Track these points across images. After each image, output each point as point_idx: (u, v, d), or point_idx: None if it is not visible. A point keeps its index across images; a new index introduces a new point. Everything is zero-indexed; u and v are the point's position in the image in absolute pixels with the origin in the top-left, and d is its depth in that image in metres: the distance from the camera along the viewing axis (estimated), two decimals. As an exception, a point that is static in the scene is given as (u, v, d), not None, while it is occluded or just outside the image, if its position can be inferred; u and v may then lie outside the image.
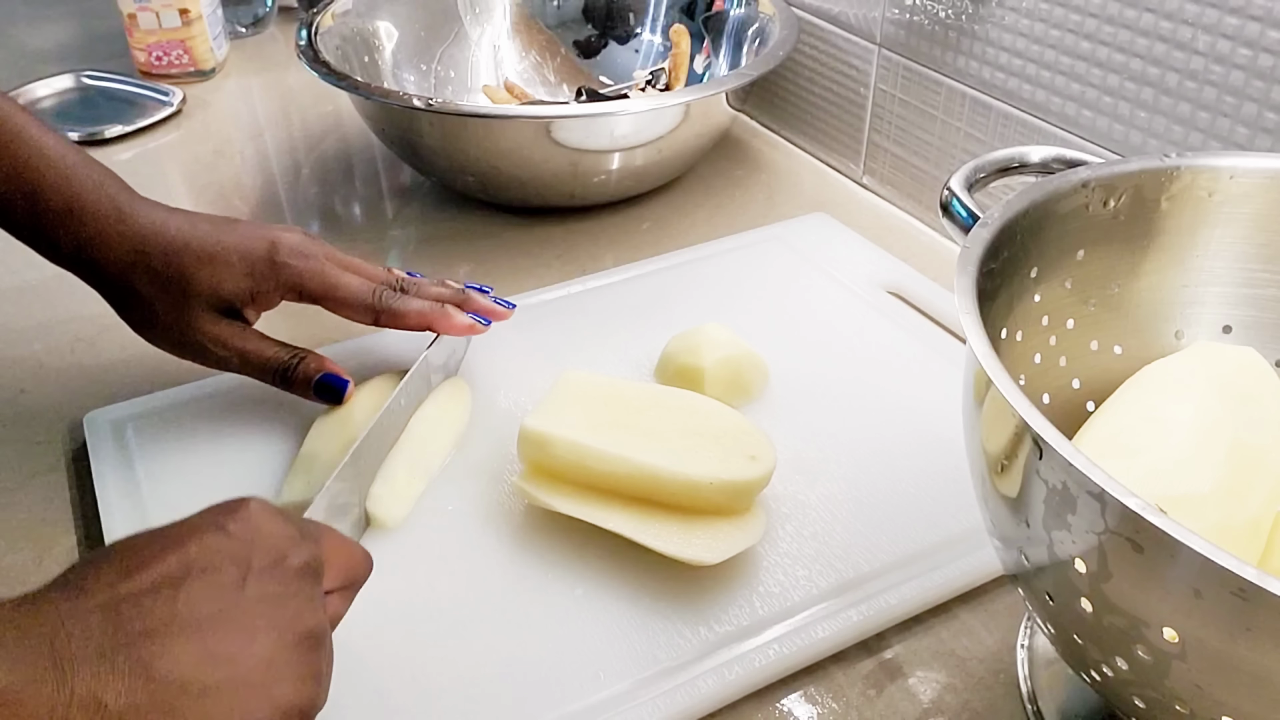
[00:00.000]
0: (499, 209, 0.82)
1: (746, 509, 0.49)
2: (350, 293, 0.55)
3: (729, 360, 0.58)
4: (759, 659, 0.44)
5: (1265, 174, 0.43)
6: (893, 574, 0.48)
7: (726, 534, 0.47)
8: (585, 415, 0.51)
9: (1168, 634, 0.29)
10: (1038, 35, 0.66)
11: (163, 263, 0.52)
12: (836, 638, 0.46)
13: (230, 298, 0.53)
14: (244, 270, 0.53)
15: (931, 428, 0.56)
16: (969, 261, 0.37)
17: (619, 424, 0.50)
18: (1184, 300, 0.46)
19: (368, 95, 0.74)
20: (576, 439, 0.49)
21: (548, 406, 0.51)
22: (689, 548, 0.46)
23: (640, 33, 0.99)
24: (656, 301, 0.68)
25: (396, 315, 0.55)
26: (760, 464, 0.49)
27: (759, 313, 0.66)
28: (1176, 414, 0.41)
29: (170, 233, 0.53)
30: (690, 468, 0.48)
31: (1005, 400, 0.31)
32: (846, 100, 0.85)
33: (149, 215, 0.53)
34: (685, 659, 0.44)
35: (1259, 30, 0.54)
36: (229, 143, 0.95)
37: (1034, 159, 0.47)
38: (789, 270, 0.71)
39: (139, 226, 0.52)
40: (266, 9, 1.19)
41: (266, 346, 0.54)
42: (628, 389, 0.53)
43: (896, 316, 0.66)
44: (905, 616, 0.47)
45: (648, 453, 0.48)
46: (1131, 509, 0.27)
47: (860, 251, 0.73)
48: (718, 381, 0.57)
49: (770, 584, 0.48)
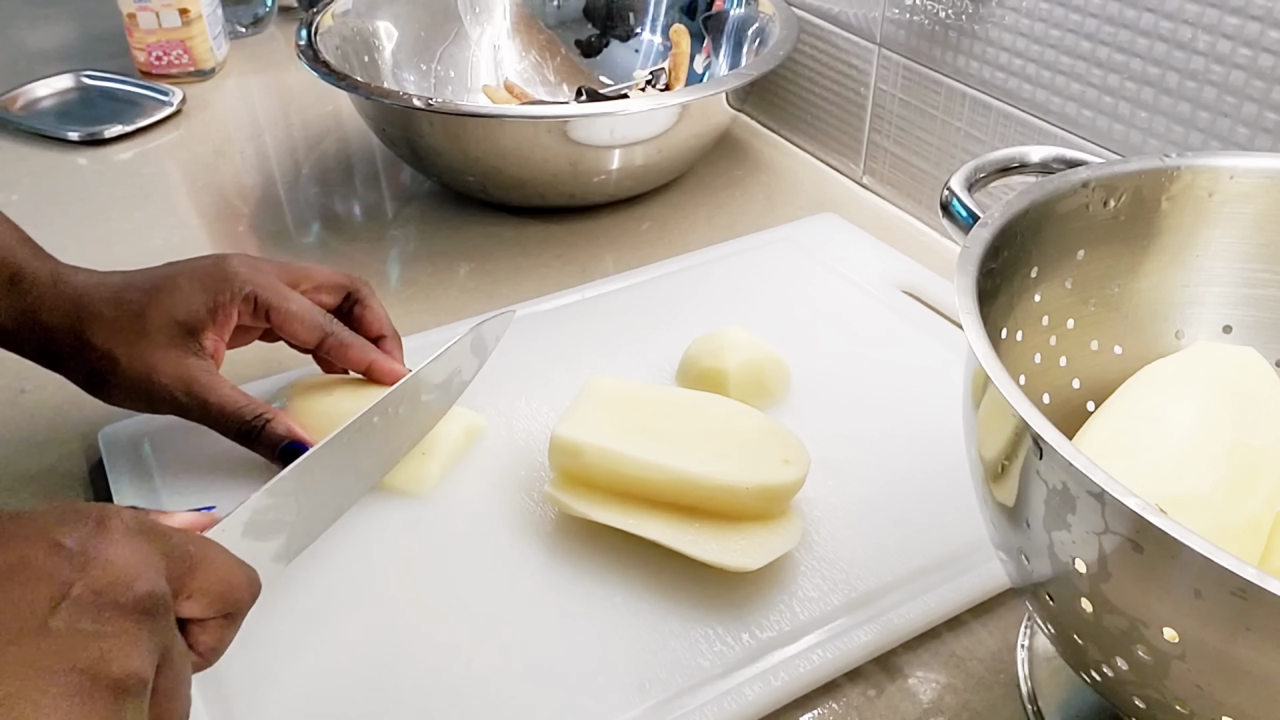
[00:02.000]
0: (499, 209, 0.82)
1: (781, 514, 0.49)
2: (303, 307, 0.53)
3: (752, 363, 0.58)
4: (803, 664, 0.44)
5: (1265, 174, 0.43)
6: (933, 575, 0.48)
7: (763, 539, 0.47)
8: (615, 421, 0.50)
9: (1168, 634, 0.29)
10: (1038, 35, 0.66)
11: (111, 308, 0.50)
12: (880, 641, 0.46)
13: (187, 319, 0.51)
14: (197, 288, 0.51)
15: (955, 425, 0.56)
16: (969, 261, 0.37)
17: (649, 429, 0.50)
18: (1184, 300, 0.46)
19: (368, 95, 0.74)
20: (609, 445, 0.48)
21: (576, 413, 0.51)
22: (727, 554, 0.46)
23: (640, 32, 0.99)
24: (671, 305, 0.68)
25: (343, 344, 0.54)
26: (795, 468, 0.48)
27: (774, 314, 0.66)
28: (1176, 414, 0.41)
29: (112, 282, 0.51)
30: (725, 472, 0.47)
31: (1005, 400, 0.31)
32: (846, 100, 0.85)
33: (85, 276, 0.52)
34: (730, 666, 0.44)
35: (1259, 30, 0.54)
36: (229, 143, 0.95)
37: (1034, 159, 0.47)
38: (800, 271, 0.71)
39: (78, 285, 0.51)
40: (266, 9, 1.19)
41: (233, 397, 0.51)
42: (655, 393, 0.53)
43: (912, 315, 0.66)
44: (955, 613, 0.47)
45: (681, 458, 0.48)
46: (1131, 509, 0.27)
47: (871, 251, 0.73)
48: (741, 384, 0.57)
49: (809, 588, 0.48)
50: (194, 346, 0.51)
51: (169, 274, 0.52)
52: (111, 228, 0.81)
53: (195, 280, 0.51)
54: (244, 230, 0.81)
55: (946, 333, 0.65)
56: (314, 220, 0.83)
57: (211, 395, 0.50)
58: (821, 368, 0.61)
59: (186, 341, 0.51)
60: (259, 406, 0.51)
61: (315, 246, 0.79)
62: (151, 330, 0.50)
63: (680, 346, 0.61)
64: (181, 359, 0.50)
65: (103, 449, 0.56)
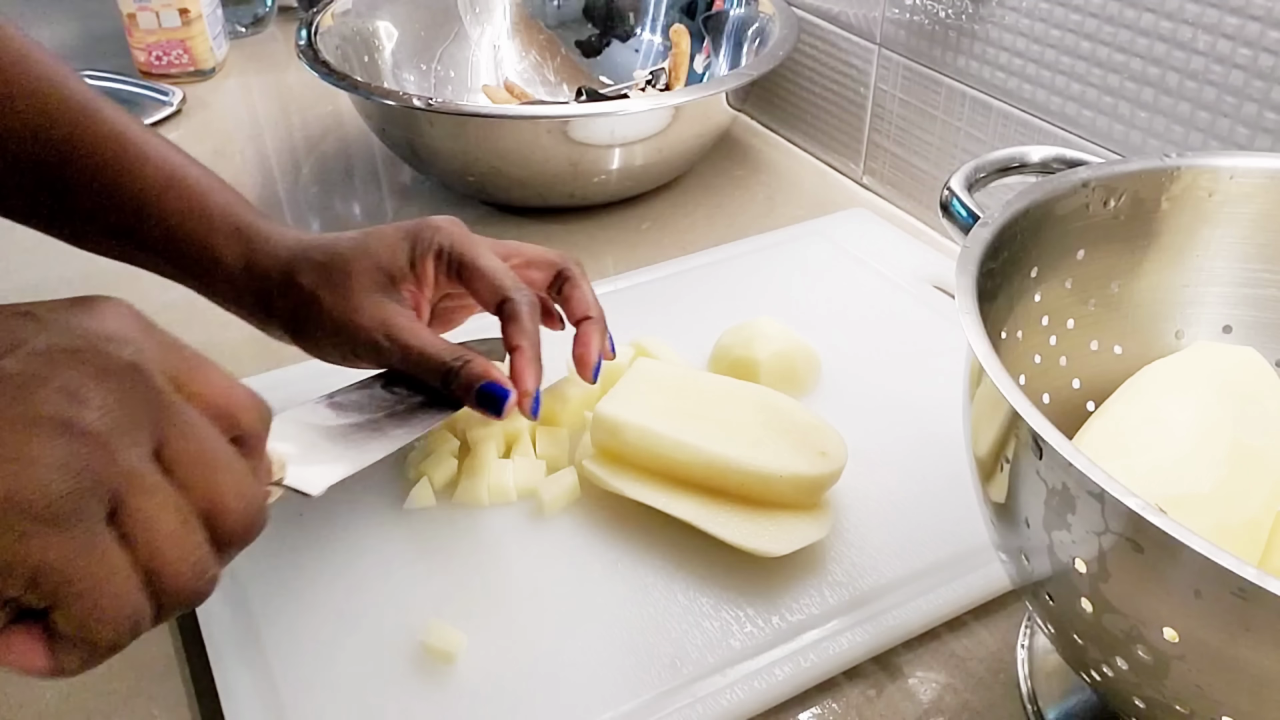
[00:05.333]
0: (499, 209, 0.82)
1: (815, 505, 0.49)
2: (493, 265, 0.53)
3: (783, 353, 0.59)
4: (833, 647, 0.45)
5: (1265, 174, 0.43)
6: (961, 564, 0.49)
7: (793, 526, 0.48)
8: (658, 402, 0.52)
9: (1168, 634, 0.28)
10: (1038, 35, 0.66)
11: (321, 254, 0.52)
12: (906, 625, 0.46)
13: (389, 267, 0.52)
14: (400, 238, 0.52)
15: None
16: (969, 261, 0.37)
17: (691, 413, 0.51)
18: (1184, 300, 0.46)
19: (368, 95, 0.74)
20: (649, 425, 0.50)
21: (621, 392, 0.52)
22: (755, 538, 0.47)
23: (640, 32, 0.99)
24: (702, 297, 0.69)
25: (516, 315, 0.52)
26: (831, 460, 0.49)
27: (806, 306, 0.67)
28: (1176, 414, 0.41)
29: (323, 239, 0.53)
30: (761, 460, 0.48)
31: (1005, 400, 0.31)
32: (846, 100, 0.85)
33: (298, 233, 0.54)
34: (760, 646, 0.45)
35: (1259, 30, 0.54)
36: (229, 142, 0.95)
37: (1034, 159, 0.47)
38: (831, 264, 0.72)
39: (290, 237, 0.53)
40: (266, 9, 1.19)
41: (434, 342, 0.51)
42: (700, 379, 0.54)
43: (942, 309, 0.67)
44: (980, 602, 0.48)
45: (718, 442, 0.49)
46: (1131, 509, 0.27)
47: (901, 245, 0.74)
48: (773, 374, 0.58)
49: (838, 573, 0.48)
50: (395, 295, 0.52)
51: (376, 230, 0.53)
52: (111, 228, 0.81)
53: (400, 232, 0.53)
54: (244, 230, 0.81)
55: None
56: (314, 220, 0.83)
57: (413, 339, 0.51)
58: (851, 359, 0.62)
59: (388, 289, 0.52)
60: (458, 350, 0.51)
61: (315, 246, 0.79)
62: (355, 275, 0.51)
63: (712, 337, 0.62)
64: (383, 303, 0.51)
65: None
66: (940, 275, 0.70)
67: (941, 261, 0.72)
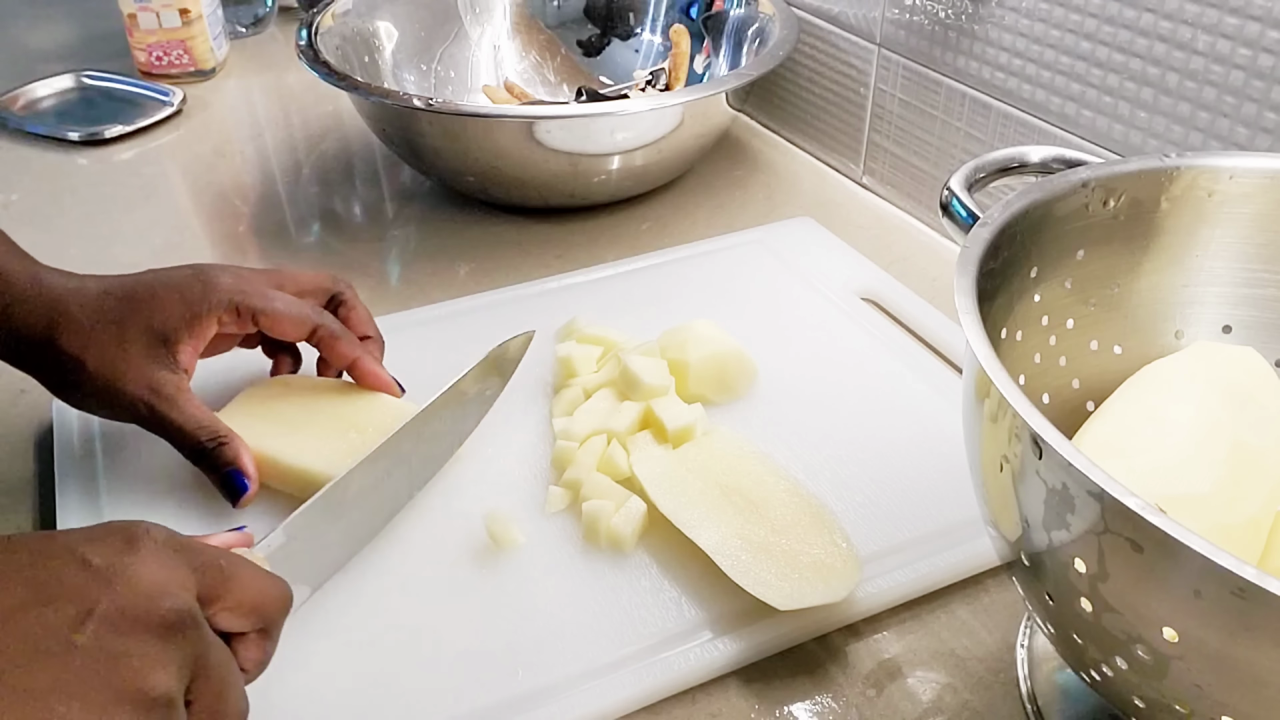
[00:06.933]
0: (499, 209, 0.82)
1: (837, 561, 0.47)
2: (289, 304, 0.53)
3: (715, 356, 0.58)
4: (762, 636, 0.46)
5: (1265, 174, 0.43)
6: (889, 558, 0.49)
7: (808, 581, 0.46)
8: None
9: (1167, 634, 0.29)
10: (1038, 35, 0.66)
11: (87, 314, 0.50)
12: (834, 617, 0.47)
13: (163, 330, 0.50)
14: (175, 299, 0.51)
15: (909, 429, 0.57)
16: (969, 261, 0.37)
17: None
18: (1184, 300, 0.46)
19: (368, 95, 0.74)
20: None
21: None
22: (763, 585, 0.46)
23: (640, 32, 0.99)
24: (644, 299, 0.69)
25: (333, 335, 0.54)
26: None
27: (741, 314, 0.67)
28: (1176, 414, 0.41)
29: (89, 288, 0.51)
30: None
31: (1005, 400, 0.31)
32: (846, 100, 0.85)
33: (63, 279, 0.51)
34: (676, 633, 0.46)
35: (1259, 30, 0.54)
36: (229, 143, 0.95)
37: (1034, 159, 0.47)
38: (767, 274, 0.72)
39: (55, 288, 0.50)
40: (266, 9, 1.19)
41: (194, 417, 0.50)
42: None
43: (867, 323, 0.66)
44: (899, 602, 0.48)
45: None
46: (1131, 509, 0.27)
47: (840, 257, 0.73)
48: (703, 377, 0.58)
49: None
50: (166, 359, 0.51)
51: (148, 283, 0.52)
52: (112, 228, 0.81)
53: (174, 291, 0.51)
54: (244, 230, 0.81)
55: (899, 341, 0.65)
56: (314, 220, 0.83)
57: (173, 410, 0.50)
58: (784, 367, 0.62)
59: (159, 353, 0.50)
60: (218, 429, 0.50)
61: (315, 246, 0.79)
62: (126, 339, 0.50)
63: (650, 339, 0.61)
64: (152, 370, 0.50)
65: (55, 424, 0.57)
66: (874, 289, 0.69)
67: (877, 275, 0.70)
